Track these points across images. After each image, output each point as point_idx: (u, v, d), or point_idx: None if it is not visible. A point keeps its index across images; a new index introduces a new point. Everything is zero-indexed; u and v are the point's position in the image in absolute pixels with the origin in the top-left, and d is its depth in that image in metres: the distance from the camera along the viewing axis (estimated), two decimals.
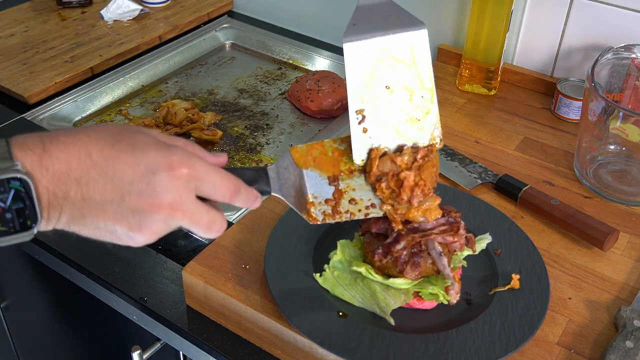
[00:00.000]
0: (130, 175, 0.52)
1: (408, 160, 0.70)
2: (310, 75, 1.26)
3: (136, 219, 0.53)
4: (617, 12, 1.09)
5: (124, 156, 0.53)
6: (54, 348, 1.25)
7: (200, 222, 0.56)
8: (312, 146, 0.67)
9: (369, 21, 0.76)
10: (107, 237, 0.56)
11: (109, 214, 0.53)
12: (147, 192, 0.53)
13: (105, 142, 0.53)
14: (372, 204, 0.68)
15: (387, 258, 0.72)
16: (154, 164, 0.53)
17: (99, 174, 0.52)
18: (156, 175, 0.53)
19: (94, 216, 0.53)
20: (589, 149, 0.98)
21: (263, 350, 0.78)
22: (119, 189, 0.53)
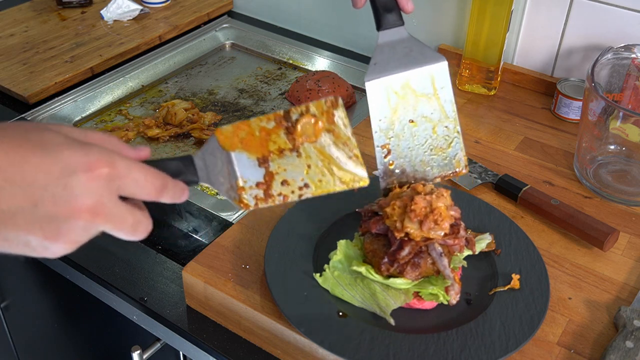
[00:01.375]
0: (43, 179, 0.47)
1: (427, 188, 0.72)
2: (310, 75, 1.26)
3: (52, 227, 0.48)
4: (617, 12, 1.09)
5: (33, 158, 0.47)
6: (54, 348, 1.25)
7: (124, 225, 0.52)
8: (238, 126, 0.62)
9: (390, 58, 0.77)
10: (18, 250, 0.50)
11: (20, 224, 0.48)
12: (63, 197, 0.47)
13: (9, 143, 0.47)
14: (305, 184, 0.65)
15: (394, 267, 0.72)
16: (70, 164, 0.47)
17: (4, 179, 0.46)
18: (73, 177, 0.47)
19: (1, 227, 0.48)
20: (589, 149, 0.98)
21: (263, 350, 0.78)
22: (30, 195, 0.47)
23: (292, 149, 0.64)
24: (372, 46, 1.42)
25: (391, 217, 0.72)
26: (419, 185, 0.74)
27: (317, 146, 0.63)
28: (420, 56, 0.76)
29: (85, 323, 1.12)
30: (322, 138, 0.63)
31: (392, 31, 0.81)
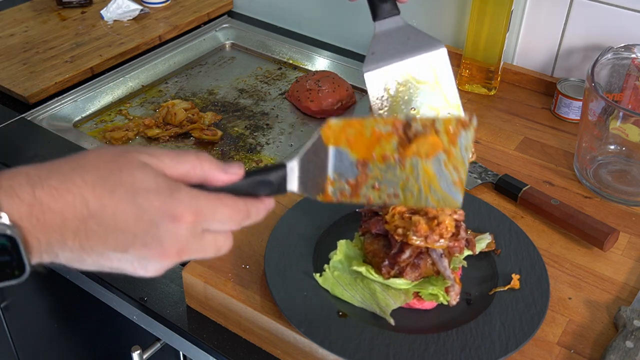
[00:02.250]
0: (133, 227, 0.50)
1: None
2: (310, 75, 1.26)
3: (142, 264, 0.52)
4: (617, 12, 1.09)
5: (123, 205, 0.49)
6: (54, 348, 1.25)
7: (207, 254, 0.55)
8: (349, 123, 0.58)
9: (387, 47, 0.76)
10: (112, 272, 0.54)
11: (113, 260, 0.52)
12: (152, 244, 0.51)
13: (102, 188, 0.49)
14: (395, 194, 0.61)
15: (395, 269, 0.72)
16: (157, 215, 0.50)
17: (98, 224, 0.49)
18: (160, 228, 0.50)
19: (95, 260, 0.51)
20: (589, 149, 0.98)
21: (263, 350, 0.78)
22: (122, 241, 0.50)
23: (397, 161, 0.59)
24: None
25: (391, 222, 0.72)
26: None
27: (426, 164, 0.58)
28: (418, 43, 0.75)
29: (85, 323, 1.12)
30: (434, 157, 0.57)
31: (388, 20, 0.80)
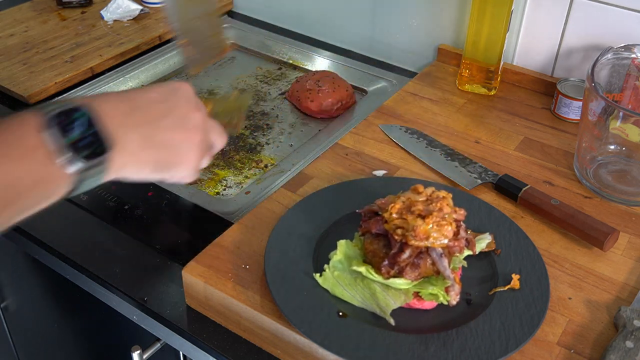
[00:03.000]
0: (162, 95, 0.63)
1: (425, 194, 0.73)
2: (310, 75, 1.26)
3: (186, 124, 0.64)
4: (617, 12, 1.09)
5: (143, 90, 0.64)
6: (54, 348, 1.25)
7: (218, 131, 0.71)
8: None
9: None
10: (172, 160, 0.64)
11: (165, 128, 0.62)
12: (180, 102, 0.64)
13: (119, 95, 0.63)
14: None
15: (395, 269, 0.72)
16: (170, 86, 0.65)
17: (141, 103, 0.61)
18: (179, 90, 0.65)
19: (154, 135, 0.61)
20: (589, 149, 0.98)
21: (263, 350, 0.78)
22: (166, 107, 0.63)
23: None
24: (372, 46, 1.43)
25: (390, 222, 0.72)
26: (419, 186, 0.74)
27: None
28: None
29: (85, 323, 1.12)
30: None
31: None
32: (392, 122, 1.10)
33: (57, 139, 0.53)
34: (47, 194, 0.56)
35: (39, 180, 0.54)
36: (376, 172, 0.99)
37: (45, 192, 0.55)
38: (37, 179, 0.53)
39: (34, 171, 0.53)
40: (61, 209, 0.98)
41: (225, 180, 1.07)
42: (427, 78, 1.24)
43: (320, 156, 1.02)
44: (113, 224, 0.95)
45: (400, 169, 1.00)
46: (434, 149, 1.03)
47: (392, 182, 0.93)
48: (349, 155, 1.02)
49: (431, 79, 1.23)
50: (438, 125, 1.10)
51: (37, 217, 0.98)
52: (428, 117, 1.12)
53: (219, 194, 1.04)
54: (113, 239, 0.93)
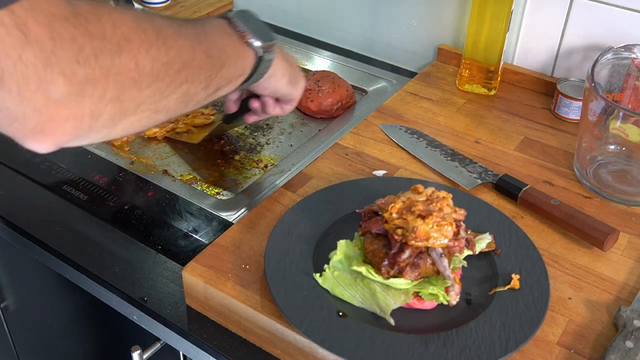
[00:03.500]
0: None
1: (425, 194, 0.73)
2: (310, 75, 1.26)
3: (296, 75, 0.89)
4: (617, 12, 1.09)
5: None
6: (53, 348, 1.25)
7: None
8: None
9: None
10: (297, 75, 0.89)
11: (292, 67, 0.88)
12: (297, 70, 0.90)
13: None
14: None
15: (394, 269, 0.72)
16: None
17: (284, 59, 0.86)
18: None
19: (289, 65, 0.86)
20: (589, 149, 0.98)
21: (263, 350, 0.78)
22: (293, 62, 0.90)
23: None
24: (372, 46, 1.43)
25: (390, 222, 0.72)
26: (419, 186, 0.74)
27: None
28: None
29: (85, 323, 1.12)
30: None
31: None
32: (392, 122, 1.10)
33: (243, 26, 0.74)
34: (241, 68, 0.74)
35: (237, 53, 0.73)
36: (376, 172, 0.99)
37: (241, 65, 0.74)
38: (237, 52, 0.73)
39: (232, 45, 0.72)
40: (61, 208, 0.98)
41: (225, 180, 1.07)
42: (427, 78, 1.24)
43: (320, 156, 1.02)
44: (113, 224, 0.95)
45: (400, 169, 1.00)
46: (434, 149, 1.03)
47: (392, 182, 0.93)
48: (349, 155, 1.02)
49: (431, 79, 1.23)
50: (438, 125, 1.10)
51: (38, 217, 0.98)
52: (428, 117, 1.12)
53: (218, 194, 1.04)
54: (113, 239, 0.93)
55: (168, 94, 0.61)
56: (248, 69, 0.76)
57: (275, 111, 0.93)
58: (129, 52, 0.54)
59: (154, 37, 0.58)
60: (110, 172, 1.05)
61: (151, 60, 0.57)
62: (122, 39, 0.54)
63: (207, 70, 0.66)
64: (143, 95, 0.58)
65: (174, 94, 0.61)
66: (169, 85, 0.60)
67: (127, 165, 1.07)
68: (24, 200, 1.00)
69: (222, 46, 0.70)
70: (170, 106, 0.62)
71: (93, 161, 1.07)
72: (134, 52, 0.55)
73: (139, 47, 0.56)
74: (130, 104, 0.57)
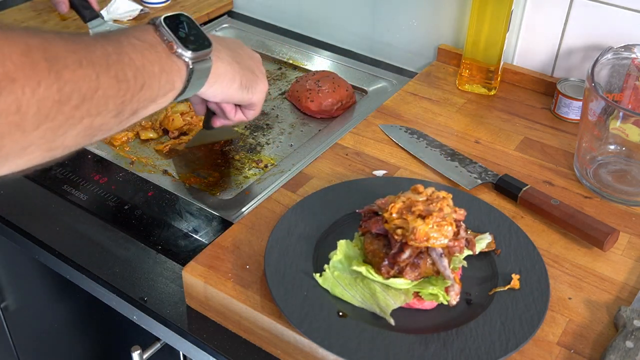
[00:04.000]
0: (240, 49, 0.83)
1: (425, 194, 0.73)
2: (310, 75, 1.26)
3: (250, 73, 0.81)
4: (617, 12, 1.09)
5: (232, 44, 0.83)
6: (54, 348, 1.25)
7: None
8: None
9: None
10: (252, 77, 0.81)
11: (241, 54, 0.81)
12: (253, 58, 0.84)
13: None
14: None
15: (394, 269, 0.72)
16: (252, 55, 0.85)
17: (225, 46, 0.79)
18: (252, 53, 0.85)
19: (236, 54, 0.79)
20: (589, 149, 0.98)
21: (263, 350, 0.78)
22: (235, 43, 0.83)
23: None
24: (372, 46, 1.43)
25: (390, 222, 0.72)
26: (419, 186, 0.74)
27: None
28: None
29: (85, 323, 1.12)
30: None
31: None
32: (392, 122, 1.10)
33: (170, 35, 0.67)
34: (169, 84, 0.67)
35: (162, 69, 0.65)
36: (376, 172, 0.99)
37: (167, 80, 0.66)
38: (161, 67, 0.65)
39: (157, 60, 0.65)
40: (61, 208, 0.98)
41: (225, 180, 1.07)
42: (427, 78, 1.24)
43: (320, 156, 1.02)
44: (113, 224, 0.95)
45: (400, 169, 1.00)
46: (434, 149, 1.03)
47: (392, 182, 0.93)
48: (349, 155, 1.02)
49: (431, 79, 1.23)
50: (438, 125, 1.10)
51: (38, 217, 0.98)
52: (428, 117, 1.12)
53: (218, 194, 1.03)
54: (113, 239, 0.93)
55: (64, 132, 0.55)
56: (179, 83, 0.68)
57: (237, 117, 0.88)
58: (9, 94, 0.48)
59: (44, 72, 0.51)
60: (110, 172, 1.05)
61: (38, 101, 0.51)
62: (4, 78, 0.48)
63: (118, 97, 0.59)
64: (30, 138, 0.52)
65: (72, 130, 0.55)
66: (63, 123, 0.54)
67: (127, 165, 1.07)
68: (24, 200, 1.00)
69: (141, 64, 0.62)
70: (68, 143, 0.56)
71: (93, 161, 1.07)
72: (16, 93, 0.49)
73: (23, 87, 0.49)
74: (14, 148, 0.51)
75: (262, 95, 0.85)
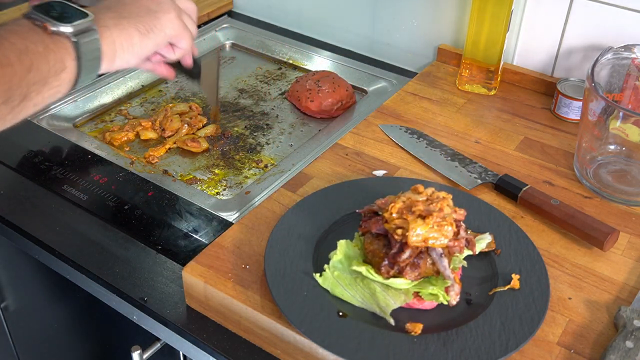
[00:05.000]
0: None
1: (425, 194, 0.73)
2: (310, 75, 1.26)
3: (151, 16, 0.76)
4: (617, 12, 1.09)
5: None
6: (54, 348, 1.25)
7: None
8: None
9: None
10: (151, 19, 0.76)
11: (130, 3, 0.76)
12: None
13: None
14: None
15: (394, 269, 0.72)
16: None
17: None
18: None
19: (123, 8, 0.74)
20: (589, 149, 0.98)
21: (263, 350, 0.78)
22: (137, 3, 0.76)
23: None
24: (372, 46, 1.43)
25: (390, 222, 0.72)
26: (419, 186, 0.74)
27: None
28: None
29: (85, 323, 1.12)
30: None
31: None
32: (392, 122, 1.10)
33: (42, 17, 0.66)
34: (58, 63, 0.65)
35: (47, 47, 0.64)
36: (376, 172, 0.99)
37: (55, 59, 0.65)
38: (45, 46, 0.64)
39: (40, 40, 0.64)
40: (61, 208, 0.98)
41: (225, 180, 1.07)
42: (427, 78, 1.24)
43: (320, 156, 1.02)
44: (113, 224, 0.95)
45: (400, 169, 1.00)
46: (434, 149, 1.03)
47: (392, 182, 0.93)
48: (349, 155, 1.02)
49: (431, 79, 1.23)
50: (438, 125, 1.10)
51: (38, 217, 0.98)
52: (428, 117, 1.12)
53: (218, 194, 1.03)
54: (113, 239, 0.93)
55: None
56: (70, 61, 0.67)
57: (177, 53, 0.86)
58: None
59: None
60: (110, 172, 1.05)
61: None
62: None
63: (3, 82, 0.59)
64: None
65: None
66: None
67: (127, 165, 1.07)
68: (24, 200, 1.00)
69: (24, 46, 0.62)
70: None
71: (93, 161, 1.07)
72: None
73: None
74: None
75: (173, 24, 0.79)
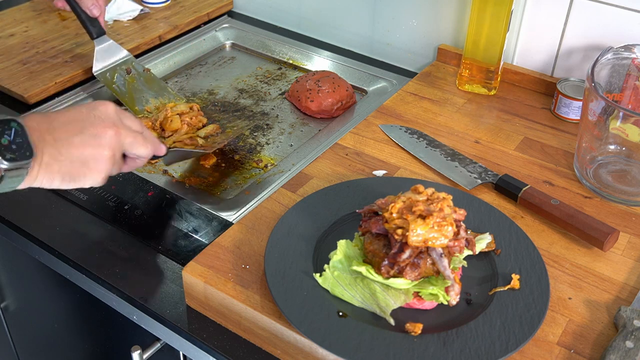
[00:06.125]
0: (79, 115, 0.75)
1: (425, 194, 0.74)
2: (310, 75, 1.26)
3: (96, 140, 0.74)
4: (617, 12, 1.09)
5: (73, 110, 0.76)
6: (54, 348, 1.25)
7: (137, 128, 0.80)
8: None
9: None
10: (80, 172, 0.74)
11: (76, 144, 0.73)
12: (95, 122, 0.75)
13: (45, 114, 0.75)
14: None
15: (394, 269, 0.72)
16: (92, 105, 0.77)
17: (59, 123, 0.73)
18: (97, 110, 0.76)
19: (66, 150, 0.72)
20: (589, 149, 0.98)
21: (263, 350, 0.78)
22: (81, 125, 0.74)
23: None
24: (372, 46, 1.43)
25: (390, 222, 0.72)
26: (420, 186, 0.74)
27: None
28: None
29: (85, 323, 1.12)
30: None
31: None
32: (392, 122, 1.10)
33: None
34: None
35: None
36: (376, 172, 0.99)
37: None
38: None
39: None
40: (61, 208, 0.98)
41: (225, 180, 1.07)
42: (427, 78, 1.24)
43: (320, 156, 1.02)
44: (113, 224, 0.95)
45: (400, 169, 1.00)
46: (434, 149, 1.03)
47: (392, 182, 0.93)
48: (349, 155, 1.02)
49: (431, 79, 1.23)
50: (438, 125, 1.10)
51: (38, 217, 0.98)
52: (428, 117, 1.12)
53: (219, 194, 1.03)
54: (113, 239, 0.93)
55: None
56: None
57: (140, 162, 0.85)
58: None
59: None
60: None
61: None
62: None
63: None
64: None
65: None
66: None
67: None
68: (24, 200, 1.00)
69: None
70: None
71: None
72: None
73: None
74: None
75: (93, 183, 0.76)
